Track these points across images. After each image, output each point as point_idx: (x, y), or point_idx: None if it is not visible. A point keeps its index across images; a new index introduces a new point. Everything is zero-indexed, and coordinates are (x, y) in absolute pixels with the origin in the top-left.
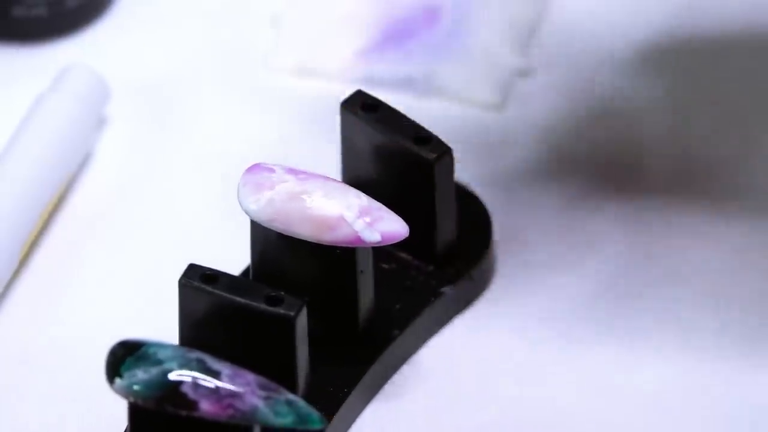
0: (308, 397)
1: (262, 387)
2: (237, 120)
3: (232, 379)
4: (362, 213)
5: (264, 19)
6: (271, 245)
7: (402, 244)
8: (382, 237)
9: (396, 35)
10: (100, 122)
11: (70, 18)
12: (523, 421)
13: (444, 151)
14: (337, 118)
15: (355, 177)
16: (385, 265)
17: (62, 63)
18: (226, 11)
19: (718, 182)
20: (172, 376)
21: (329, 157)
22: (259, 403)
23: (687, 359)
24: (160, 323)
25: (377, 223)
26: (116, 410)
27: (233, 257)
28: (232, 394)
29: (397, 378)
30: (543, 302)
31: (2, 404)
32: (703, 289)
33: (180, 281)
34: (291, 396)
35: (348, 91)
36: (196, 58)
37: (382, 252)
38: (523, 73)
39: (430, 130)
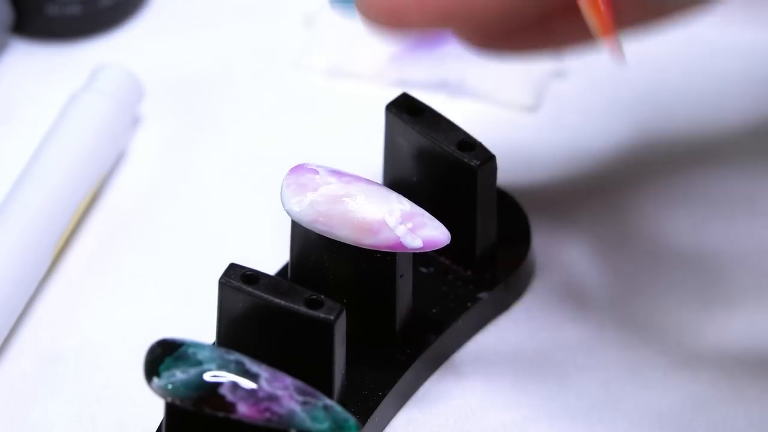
0: (343, 400)
1: (300, 391)
2: (270, 119)
3: (270, 383)
4: (404, 218)
5: (297, 19)
6: (312, 246)
7: (441, 249)
8: (423, 243)
9: (429, 39)
10: (134, 121)
11: (104, 17)
12: (557, 426)
13: (488, 158)
14: (372, 120)
15: (396, 179)
16: (423, 269)
17: (96, 61)
18: (260, 10)
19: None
20: (211, 377)
21: (361, 158)
22: (297, 408)
23: (724, 363)
24: (195, 322)
25: (419, 229)
26: (152, 409)
27: (267, 257)
28: (270, 398)
29: (432, 382)
30: (579, 308)
31: (37, 402)
32: (742, 288)
33: (220, 280)
34: (328, 401)
35: (380, 94)
36: (230, 57)
37: (422, 255)
38: (558, 74)
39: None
